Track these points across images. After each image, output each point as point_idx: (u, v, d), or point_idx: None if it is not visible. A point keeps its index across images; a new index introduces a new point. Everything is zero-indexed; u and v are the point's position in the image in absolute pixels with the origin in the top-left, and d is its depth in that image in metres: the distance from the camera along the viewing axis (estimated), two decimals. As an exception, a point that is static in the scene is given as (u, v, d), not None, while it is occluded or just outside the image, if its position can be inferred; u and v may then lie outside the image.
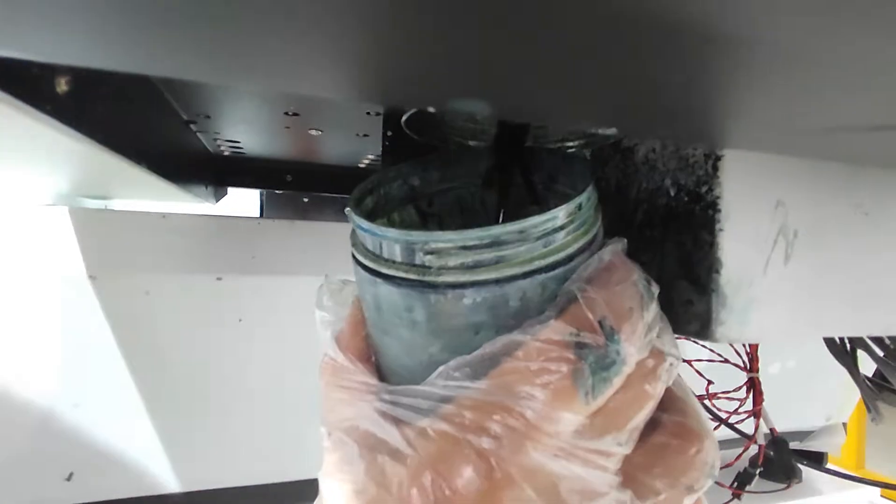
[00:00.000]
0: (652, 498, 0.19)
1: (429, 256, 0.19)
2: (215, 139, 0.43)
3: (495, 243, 0.19)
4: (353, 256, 0.23)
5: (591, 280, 0.19)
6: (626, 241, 0.21)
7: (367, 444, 0.20)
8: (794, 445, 0.82)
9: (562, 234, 0.20)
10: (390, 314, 0.21)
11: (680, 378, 0.22)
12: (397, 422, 0.19)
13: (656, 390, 0.19)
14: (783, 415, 0.65)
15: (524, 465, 0.17)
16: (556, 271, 0.19)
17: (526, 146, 0.27)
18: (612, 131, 0.14)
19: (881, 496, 0.98)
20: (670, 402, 0.21)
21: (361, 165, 0.54)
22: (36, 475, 0.48)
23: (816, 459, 0.89)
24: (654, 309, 0.19)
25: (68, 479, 0.50)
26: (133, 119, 0.29)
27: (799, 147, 0.15)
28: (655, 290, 0.20)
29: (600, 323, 0.18)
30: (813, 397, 0.82)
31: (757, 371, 0.46)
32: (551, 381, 0.17)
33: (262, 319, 0.50)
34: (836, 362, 0.65)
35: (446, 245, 0.19)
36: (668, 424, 0.20)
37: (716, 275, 0.23)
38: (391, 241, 0.20)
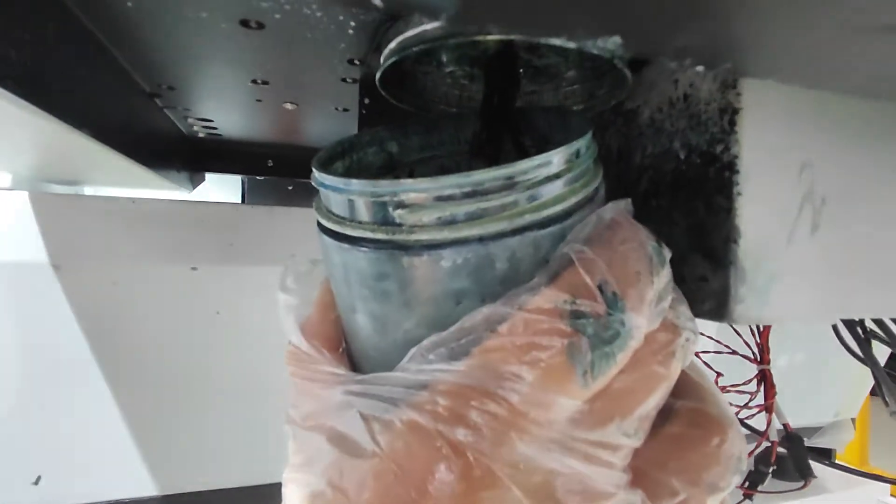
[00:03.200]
0: (668, 499, 0.16)
1: (400, 211, 0.16)
2: (186, 117, 0.40)
3: (477, 193, 0.16)
4: (318, 224, 0.20)
5: (590, 240, 0.16)
6: (630, 200, 0.18)
7: (331, 441, 0.17)
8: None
9: (558, 183, 0.17)
10: (360, 286, 0.18)
11: (695, 360, 0.19)
12: (363, 415, 0.16)
13: (670, 370, 0.16)
14: (791, 410, 0.62)
15: (509, 460, 0.14)
16: (552, 228, 0.16)
17: (517, 107, 0.24)
18: (613, 42, 0.10)
19: (891, 495, 0.95)
20: (686, 386, 0.18)
21: (346, 149, 0.51)
22: (0, 479, 0.45)
23: (825, 456, 0.87)
24: (665, 275, 0.16)
25: (35, 482, 0.47)
26: (93, 92, 0.27)
27: (837, 63, 0.12)
28: (667, 253, 0.17)
29: (600, 288, 0.15)
30: (821, 392, 0.79)
31: (768, 363, 0.43)
32: (542, 359, 0.14)
33: (240, 312, 0.47)
34: (845, 355, 0.62)
35: (419, 196, 0.16)
36: (685, 412, 0.17)
37: (734, 245, 0.20)
38: (356, 195, 0.17)
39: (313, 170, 0.19)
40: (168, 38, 0.26)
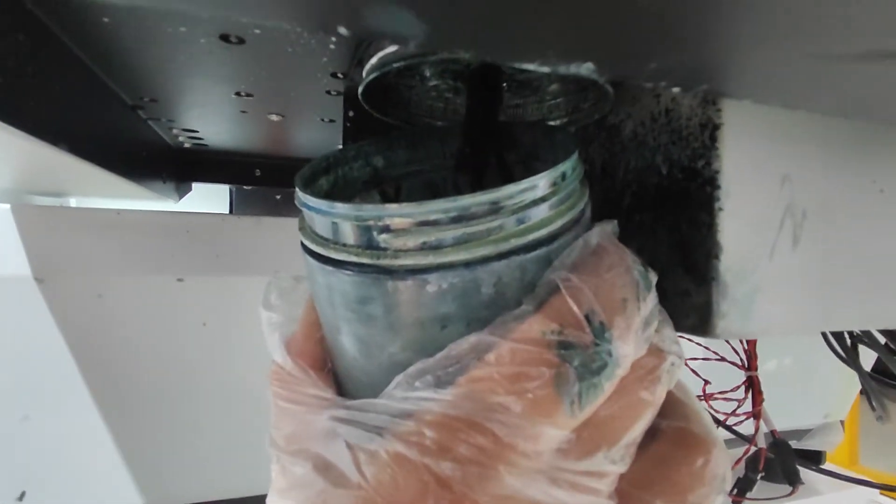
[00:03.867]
0: None
1: (384, 235, 0.16)
2: (171, 128, 0.40)
3: (463, 217, 0.16)
4: (302, 244, 0.20)
5: (576, 267, 0.16)
6: (616, 222, 0.18)
7: (316, 469, 0.16)
8: (791, 444, 0.79)
9: (543, 207, 0.16)
10: (345, 309, 0.18)
11: (680, 379, 0.19)
12: (348, 443, 0.16)
13: (656, 396, 0.16)
14: (780, 413, 0.62)
15: (495, 493, 0.14)
16: (538, 252, 0.16)
17: (501, 122, 0.24)
18: (587, 68, 0.10)
19: (881, 494, 0.96)
20: (670, 406, 0.18)
21: (334, 158, 0.51)
22: (-18, 496, 0.45)
23: (814, 458, 0.87)
24: (651, 300, 0.16)
25: (20, 498, 0.46)
26: (70, 107, 0.26)
27: (810, 88, 0.12)
28: (654, 277, 0.17)
29: (587, 317, 0.15)
30: (810, 395, 0.79)
31: (756, 369, 0.43)
32: (529, 390, 0.14)
33: (227, 324, 0.47)
34: (833, 358, 0.63)
35: (404, 220, 0.16)
36: (669, 432, 0.17)
37: (715, 261, 0.20)
38: (340, 218, 0.17)
39: (296, 189, 0.19)
40: (147, 53, 0.25)
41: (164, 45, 0.24)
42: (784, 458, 0.40)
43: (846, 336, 0.54)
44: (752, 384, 0.43)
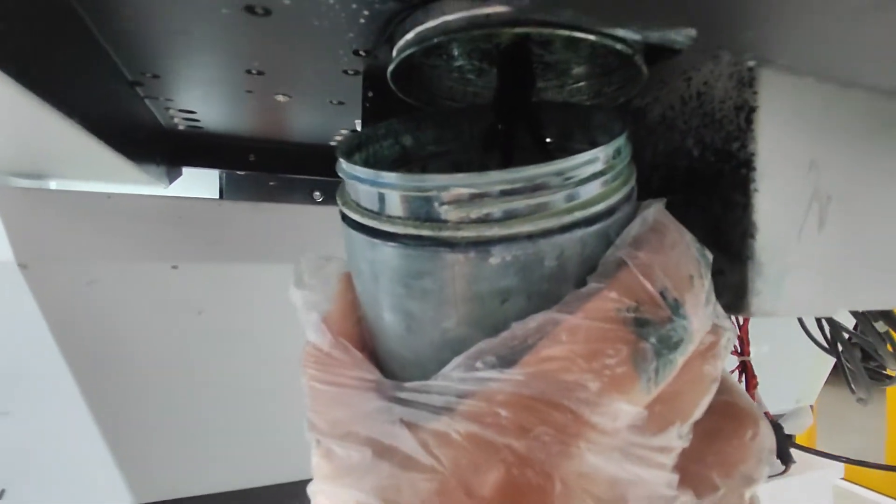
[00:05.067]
0: (710, 493, 0.16)
1: (446, 206, 0.16)
2: (167, 108, 0.38)
3: (531, 188, 0.15)
4: (344, 217, 0.19)
5: (639, 244, 0.16)
6: (665, 200, 0.18)
7: (377, 454, 0.16)
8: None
9: (602, 181, 0.17)
10: (394, 283, 0.17)
11: None
12: (409, 424, 0.15)
13: (717, 370, 0.16)
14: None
15: (577, 471, 0.14)
16: (597, 226, 0.16)
17: (533, 101, 0.24)
18: (687, 35, 0.10)
19: (843, 479, 1.00)
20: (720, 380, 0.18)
21: (333, 143, 0.50)
22: (-41, 495, 0.42)
23: (787, 442, 0.91)
24: (709, 275, 0.16)
25: (-1, 497, 0.44)
26: (78, 77, 0.25)
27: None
28: (709, 254, 0.17)
29: (661, 294, 0.15)
30: (784, 381, 0.83)
31: (749, 354, 0.45)
32: (607, 367, 0.14)
33: (223, 312, 0.45)
34: (804, 346, 0.65)
35: (468, 191, 0.15)
36: (719, 405, 0.17)
37: (751, 240, 0.20)
38: (397, 189, 0.16)
39: (340, 160, 0.19)
40: (162, 24, 0.24)
41: (183, 16, 0.23)
42: (777, 439, 0.42)
43: (824, 322, 0.56)
44: (745, 368, 0.44)
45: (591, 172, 0.16)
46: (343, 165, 0.19)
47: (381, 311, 0.18)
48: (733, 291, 0.21)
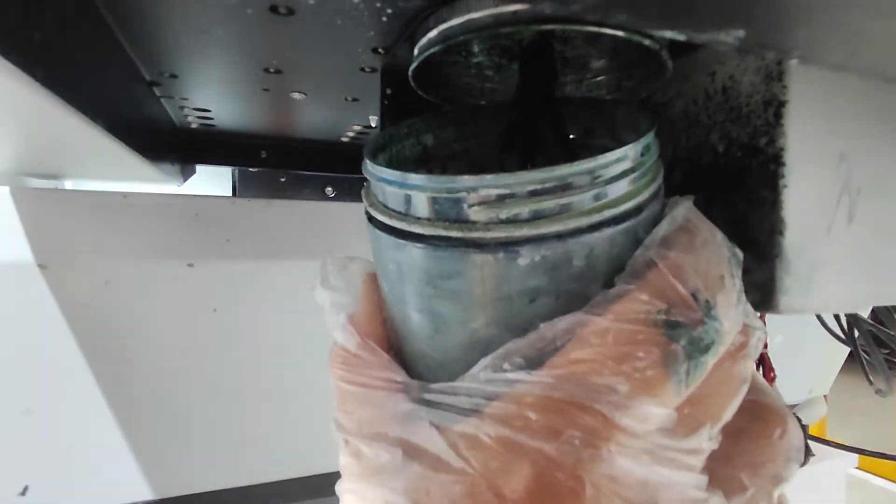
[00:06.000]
0: (739, 494, 0.16)
1: (475, 208, 0.16)
2: (182, 107, 0.38)
3: (560, 188, 0.15)
4: (370, 218, 0.19)
5: (669, 243, 0.16)
6: (694, 197, 0.18)
7: (407, 454, 0.16)
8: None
9: (631, 178, 0.16)
10: (422, 284, 0.17)
11: None
12: (438, 426, 0.16)
13: (748, 371, 0.16)
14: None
15: (608, 474, 0.14)
16: (626, 224, 0.16)
17: (557, 98, 0.23)
18: (735, 36, 0.10)
19: (857, 468, 1.00)
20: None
21: (345, 139, 0.50)
22: (-16, 491, 0.43)
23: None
24: (740, 274, 0.16)
25: (23, 493, 0.45)
26: (102, 80, 0.25)
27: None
28: (740, 252, 0.17)
29: (693, 295, 0.15)
30: (798, 371, 0.82)
31: (766, 346, 0.45)
32: (637, 370, 0.14)
33: (238, 309, 0.46)
34: (817, 336, 0.65)
35: (500, 191, 0.15)
36: (747, 404, 0.17)
37: (779, 237, 0.20)
38: (425, 191, 0.16)
39: (366, 162, 0.19)
40: (184, 23, 0.24)
41: (206, 16, 0.23)
42: (795, 432, 0.42)
43: (841, 314, 0.56)
44: (762, 361, 0.44)
45: (621, 171, 0.16)
46: (369, 167, 0.19)
47: (408, 312, 0.19)
48: (761, 289, 0.20)
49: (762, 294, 0.21)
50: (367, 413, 0.18)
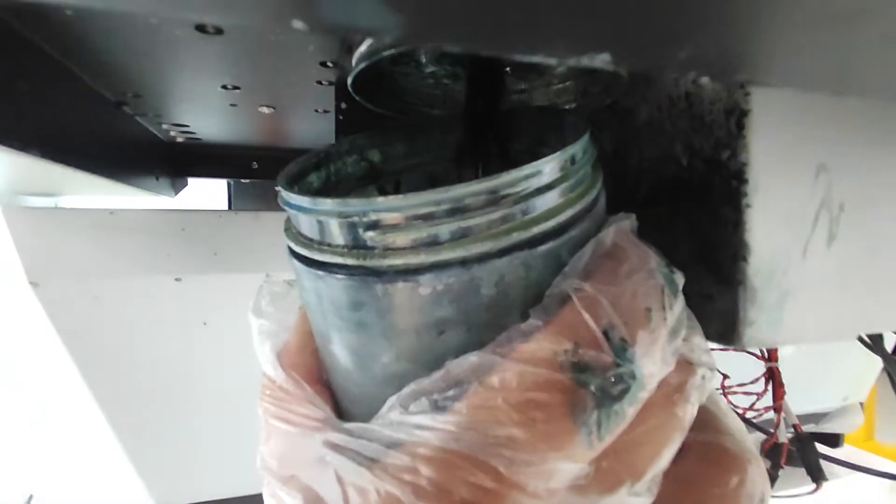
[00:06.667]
0: None
1: (371, 233, 0.14)
2: (160, 123, 0.38)
3: (458, 210, 0.14)
4: (287, 247, 0.18)
5: (591, 272, 0.14)
6: (634, 217, 0.16)
7: (305, 501, 0.15)
8: (809, 428, 0.78)
9: (551, 195, 0.15)
10: (333, 315, 0.16)
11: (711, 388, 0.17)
12: (338, 476, 0.14)
13: (686, 416, 0.14)
14: (801, 397, 0.61)
15: None
16: (546, 246, 0.14)
17: (504, 110, 0.22)
18: (602, 60, 0.09)
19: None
20: (699, 417, 0.16)
21: (333, 148, 0.49)
22: (-8, 500, 0.45)
23: (832, 441, 0.85)
24: (678, 305, 0.14)
25: (28, 501, 0.46)
26: (43, 108, 0.25)
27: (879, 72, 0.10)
28: (680, 279, 0.15)
29: (605, 333, 0.13)
30: (830, 377, 0.77)
31: (776, 360, 0.41)
32: (539, 420, 0.12)
33: (228, 322, 0.46)
34: (852, 340, 0.60)
35: (391, 215, 0.14)
36: (698, 448, 0.15)
37: (742, 263, 0.18)
38: (324, 214, 0.15)
39: (279, 188, 0.18)
40: (121, 46, 0.24)
41: (138, 38, 0.22)
42: (807, 454, 0.39)
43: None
44: (772, 376, 0.41)
45: (536, 186, 0.14)
46: (281, 193, 0.17)
47: (327, 345, 0.18)
48: (723, 320, 0.18)
49: (724, 325, 0.18)
50: (285, 451, 0.17)
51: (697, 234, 0.20)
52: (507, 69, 0.25)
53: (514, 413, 0.13)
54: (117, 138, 0.34)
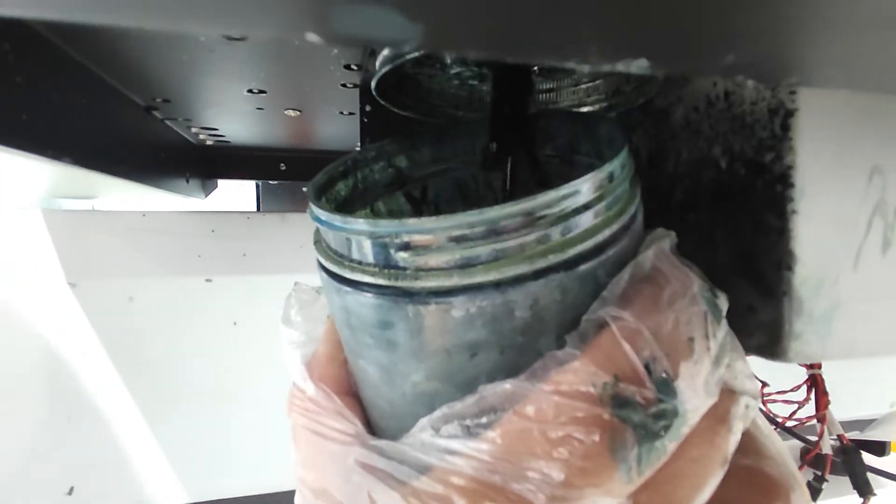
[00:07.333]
0: None
1: (403, 253, 0.14)
2: (189, 127, 0.39)
3: (492, 232, 0.13)
4: (317, 261, 0.18)
5: (630, 298, 0.13)
6: (673, 234, 0.15)
7: None
8: (853, 435, 0.74)
9: (588, 215, 0.14)
10: (362, 332, 0.16)
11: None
12: (370, 496, 0.14)
13: (728, 446, 0.13)
14: (845, 403, 0.58)
15: None
16: (582, 268, 0.14)
17: (534, 112, 0.21)
18: (639, 66, 0.08)
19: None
20: (741, 440, 0.15)
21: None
22: (36, 492, 0.46)
23: (878, 450, 0.81)
24: (722, 331, 0.14)
25: (69, 493, 0.48)
26: (75, 116, 0.25)
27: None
28: (724, 304, 0.14)
29: (647, 367, 0.12)
30: (876, 383, 0.74)
31: (819, 367, 0.39)
32: (577, 454, 0.12)
33: (257, 322, 0.46)
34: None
35: (425, 237, 0.14)
36: (739, 473, 0.15)
37: (788, 272, 0.17)
38: (355, 234, 0.15)
39: (309, 205, 0.17)
40: (148, 53, 0.24)
41: (164, 45, 0.23)
42: (854, 467, 0.37)
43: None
44: (815, 383, 0.39)
45: (573, 207, 0.14)
46: (311, 207, 0.17)
47: (356, 359, 0.17)
48: (766, 333, 0.17)
49: (769, 337, 0.17)
50: (317, 462, 0.17)
51: (738, 242, 0.19)
52: (535, 68, 0.24)
53: (550, 446, 0.12)
54: (148, 143, 0.35)
